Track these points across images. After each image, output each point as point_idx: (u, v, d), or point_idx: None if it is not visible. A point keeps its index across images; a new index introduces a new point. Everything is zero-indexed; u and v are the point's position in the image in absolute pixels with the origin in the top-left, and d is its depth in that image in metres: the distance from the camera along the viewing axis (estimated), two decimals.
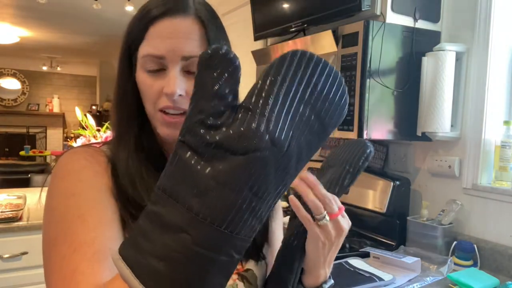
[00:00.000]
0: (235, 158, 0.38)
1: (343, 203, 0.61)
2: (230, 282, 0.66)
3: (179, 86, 0.60)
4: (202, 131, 0.40)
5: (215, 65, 0.41)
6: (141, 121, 0.66)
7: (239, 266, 0.67)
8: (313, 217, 0.59)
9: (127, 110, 0.66)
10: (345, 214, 0.61)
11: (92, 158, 0.64)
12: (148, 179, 0.63)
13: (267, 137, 0.38)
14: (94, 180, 0.60)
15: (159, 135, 0.67)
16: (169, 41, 0.61)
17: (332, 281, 0.65)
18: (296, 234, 0.63)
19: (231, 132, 0.39)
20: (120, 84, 0.67)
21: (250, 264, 0.68)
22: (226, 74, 0.40)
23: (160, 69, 0.62)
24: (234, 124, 0.39)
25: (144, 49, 0.62)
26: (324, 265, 0.63)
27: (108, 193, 0.60)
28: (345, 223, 0.61)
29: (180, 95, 0.61)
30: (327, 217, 0.58)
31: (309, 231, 0.60)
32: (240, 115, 0.40)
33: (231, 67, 0.41)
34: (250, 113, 0.39)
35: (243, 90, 0.75)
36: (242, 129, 0.38)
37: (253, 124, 0.38)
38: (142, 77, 0.63)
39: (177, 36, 0.61)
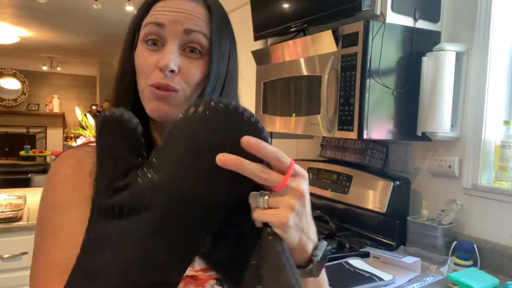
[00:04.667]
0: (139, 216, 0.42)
1: (342, 203, 0.59)
2: (207, 286, 0.65)
3: (173, 61, 0.60)
4: (107, 193, 0.43)
5: (110, 130, 0.43)
6: (136, 103, 0.65)
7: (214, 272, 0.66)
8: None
9: (124, 90, 0.66)
10: (297, 169, 0.48)
11: (78, 163, 0.65)
12: None
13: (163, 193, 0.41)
14: (74, 191, 0.62)
15: (151, 122, 0.66)
16: (173, 13, 0.61)
17: (323, 243, 0.54)
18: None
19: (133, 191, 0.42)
20: (121, 63, 0.67)
21: None
22: (121, 139, 0.43)
23: (159, 45, 0.62)
24: (137, 183, 0.42)
25: (147, 19, 0.63)
26: (303, 237, 0.50)
27: (87, 203, 0.60)
28: (298, 182, 0.48)
29: (172, 71, 0.60)
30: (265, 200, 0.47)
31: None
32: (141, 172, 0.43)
33: (127, 131, 0.43)
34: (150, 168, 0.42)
35: (243, 89, 0.75)
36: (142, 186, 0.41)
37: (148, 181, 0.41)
38: (140, 50, 0.63)
39: (182, 11, 0.62)
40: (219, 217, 0.46)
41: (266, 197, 0.46)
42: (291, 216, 0.46)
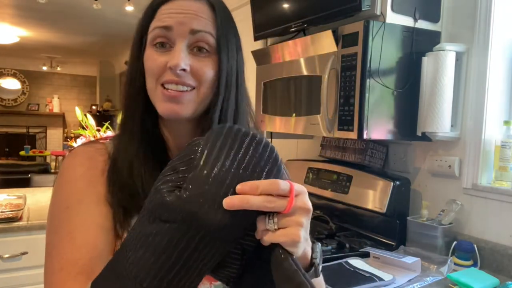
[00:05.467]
0: (161, 225, 0.45)
1: (342, 203, 0.59)
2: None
3: (183, 60, 0.61)
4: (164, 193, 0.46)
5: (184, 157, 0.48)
6: (147, 104, 0.66)
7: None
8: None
9: (134, 92, 0.67)
10: (297, 188, 0.48)
11: (90, 161, 0.66)
12: (146, 167, 0.64)
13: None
14: (87, 190, 0.62)
15: (161, 120, 0.68)
16: (178, 15, 0.62)
17: (318, 244, 0.56)
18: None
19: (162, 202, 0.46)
20: (130, 66, 0.68)
21: None
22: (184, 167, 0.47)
23: (167, 47, 0.63)
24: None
25: (154, 23, 0.64)
26: (306, 246, 0.52)
27: (101, 202, 0.62)
28: (303, 200, 0.49)
29: (183, 69, 0.61)
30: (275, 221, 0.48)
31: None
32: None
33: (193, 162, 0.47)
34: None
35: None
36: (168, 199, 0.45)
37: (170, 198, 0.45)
38: (149, 52, 0.64)
39: (187, 13, 0.63)
40: (231, 239, 0.48)
41: (276, 219, 0.47)
42: (301, 232, 0.48)
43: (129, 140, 0.66)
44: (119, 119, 0.70)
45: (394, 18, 1.37)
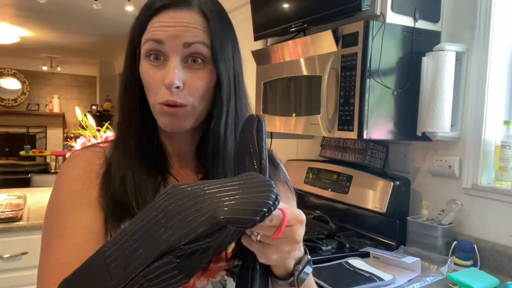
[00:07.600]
0: None
1: (342, 203, 0.60)
2: (217, 278, 0.66)
3: (177, 77, 0.60)
4: None
5: None
6: (143, 112, 0.66)
7: (224, 263, 0.66)
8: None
9: (130, 101, 0.66)
10: (290, 213, 0.50)
11: (87, 164, 0.66)
12: (141, 174, 0.64)
13: None
14: (81, 193, 0.63)
15: (160, 128, 0.67)
16: (170, 28, 0.61)
17: (307, 257, 0.58)
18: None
19: None
20: (124, 76, 0.68)
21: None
22: None
23: (161, 59, 0.62)
24: None
25: (146, 36, 0.63)
26: (284, 260, 0.55)
27: (93, 205, 0.62)
28: (297, 231, 0.51)
29: (178, 87, 0.60)
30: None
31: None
32: None
33: None
34: None
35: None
36: None
37: None
38: (144, 67, 0.64)
39: (179, 25, 0.62)
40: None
41: (260, 235, 0.50)
42: (276, 255, 0.52)
43: (124, 149, 0.66)
44: (115, 119, 0.70)
45: (394, 18, 1.37)
